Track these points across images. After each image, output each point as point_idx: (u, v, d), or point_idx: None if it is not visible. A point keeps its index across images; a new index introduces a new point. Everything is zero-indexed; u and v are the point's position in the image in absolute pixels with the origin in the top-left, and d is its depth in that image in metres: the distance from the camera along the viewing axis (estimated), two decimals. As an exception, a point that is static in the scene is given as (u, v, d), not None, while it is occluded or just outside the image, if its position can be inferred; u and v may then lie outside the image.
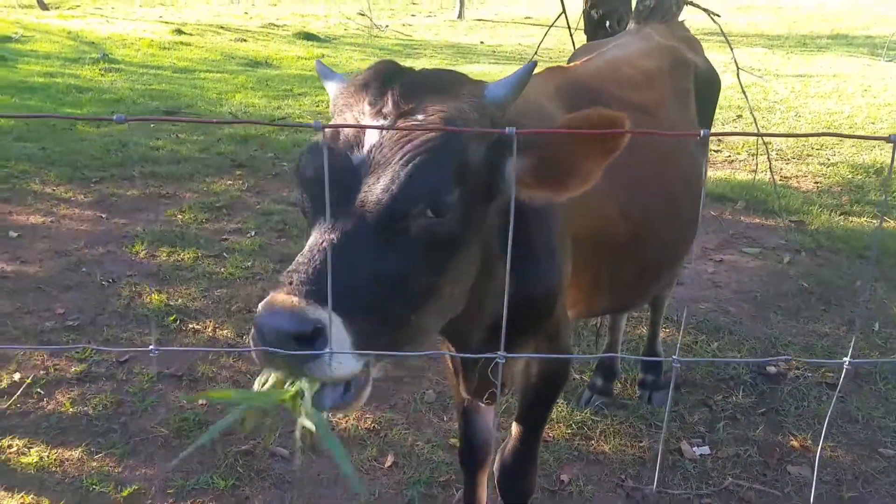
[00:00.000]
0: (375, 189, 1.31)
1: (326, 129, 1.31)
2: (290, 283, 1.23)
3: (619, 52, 2.70)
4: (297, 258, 1.31)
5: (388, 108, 1.39)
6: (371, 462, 3.04)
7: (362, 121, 1.40)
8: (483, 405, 2.33)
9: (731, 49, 4.17)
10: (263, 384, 1.32)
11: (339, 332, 1.22)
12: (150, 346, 1.08)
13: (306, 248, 1.32)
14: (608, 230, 2.13)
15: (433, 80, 1.47)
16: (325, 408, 1.29)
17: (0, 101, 8.39)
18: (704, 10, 4.33)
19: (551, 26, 5.17)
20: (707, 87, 2.95)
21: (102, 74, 10.53)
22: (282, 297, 1.21)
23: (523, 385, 2.13)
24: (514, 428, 2.23)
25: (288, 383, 1.29)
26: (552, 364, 2.07)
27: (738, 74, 4.04)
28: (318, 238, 1.31)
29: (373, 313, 1.30)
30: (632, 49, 2.74)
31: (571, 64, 2.63)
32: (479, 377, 2.09)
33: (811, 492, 2.92)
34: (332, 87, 1.57)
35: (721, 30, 4.61)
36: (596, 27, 4.75)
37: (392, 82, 1.43)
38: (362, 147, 1.36)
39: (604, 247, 2.14)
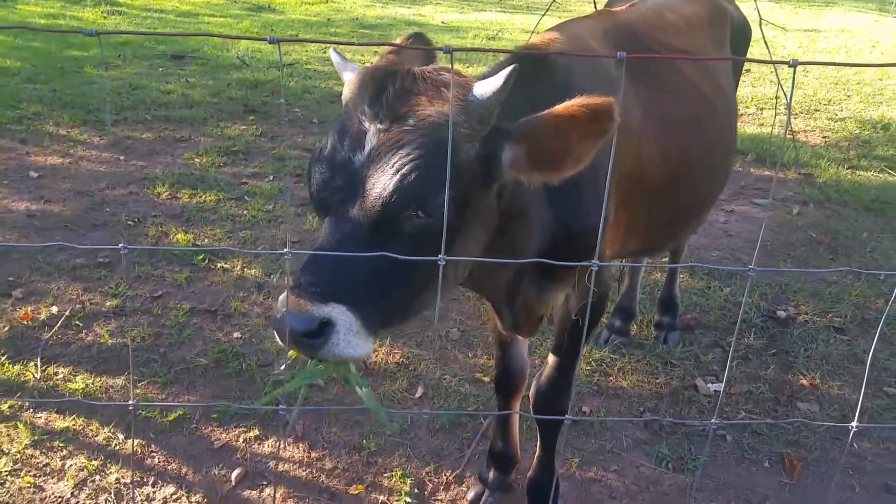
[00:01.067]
0: (370, 194, 1.46)
1: (330, 133, 1.55)
2: (299, 286, 1.43)
3: (661, -1, 2.75)
4: (306, 258, 1.49)
5: (384, 111, 1.49)
6: (402, 393, 3.18)
7: (363, 122, 1.51)
8: (519, 337, 2.46)
9: (755, 0, 4.20)
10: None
11: (346, 320, 1.43)
12: (121, 245, 1.27)
13: (313, 248, 1.50)
14: (648, 172, 2.22)
15: (424, 82, 1.53)
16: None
17: (4, 42, 8.29)
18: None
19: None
20: (740, 36, 3.01)
21: (105, 17, 10.38)
22: (291, 299, 1.41)
23: (562, 317, 2.25)
24: (551, 358, 2.36)
25: None
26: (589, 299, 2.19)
27: (760, 25, 4.07)
28: (322, 239, 1.49)
29: (377, 300, 1.48)
30: (672, -4, 2.79)
31: (616, 8, 2.68)
32: (515, 312, 2.21)
33: (819, 425, 3.09)
34: (345, 78, 1.67)
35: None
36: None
37: (388, 84, 1.52)
38: (363, 149, 1.48)
39: (642, 188, 2.23)
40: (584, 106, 1.45)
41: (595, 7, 5.29)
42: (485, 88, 1.51)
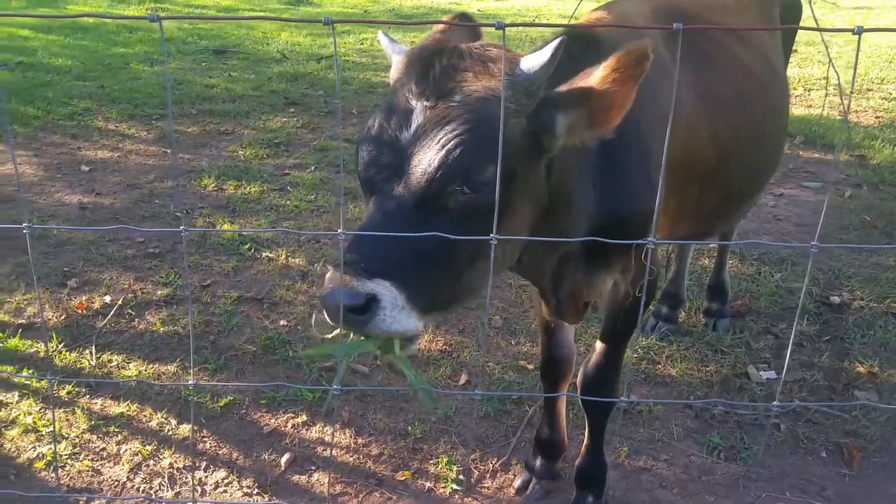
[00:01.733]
0: (417, 170, 1.45)
1: (377, 112, 1.55)
2: (347, 263, 1.42)
3: (707, -21, 2.67)
4: (355, 233, 1.48)
5: (430, 88, 1.49)
6: (446, 380, 3.19)
7: (410, 100, 1.51)
8: (565, 323, 2.43)
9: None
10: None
11: (391, 295, 1.43)
12: (182, 227, 1.26)
13: (360, 226, 1.50)
14: (698, 155, 2.17)
15: (471, 58, 1.52)
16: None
17: (55, 41, 8.53)
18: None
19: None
20: (790, 14, 2.92)
21: (149, 13, 10.59)
22: (337, 275, 1.41)
23: (611, 302, 2.21)
24: (599, 344, 2.32)
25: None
26: (639, 282, 2.15)
27: (810, 3, 3.93)
28: (369, 217, 1.49)
29: (425, 277, 1.46)
30: (719, -24, 2.71)
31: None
32: (561, 298, 2.18)
33: (879, 414, 2.99)
34: (393, 60, 1.67)
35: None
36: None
37: (435, 62, 1.52)
38: (410, 127, 1.48)
39: (692, 171, 2.18)
40: (625, 57, 1.45)
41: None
42: (531, 63, 1.50)
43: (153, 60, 7.88)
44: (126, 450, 2.77)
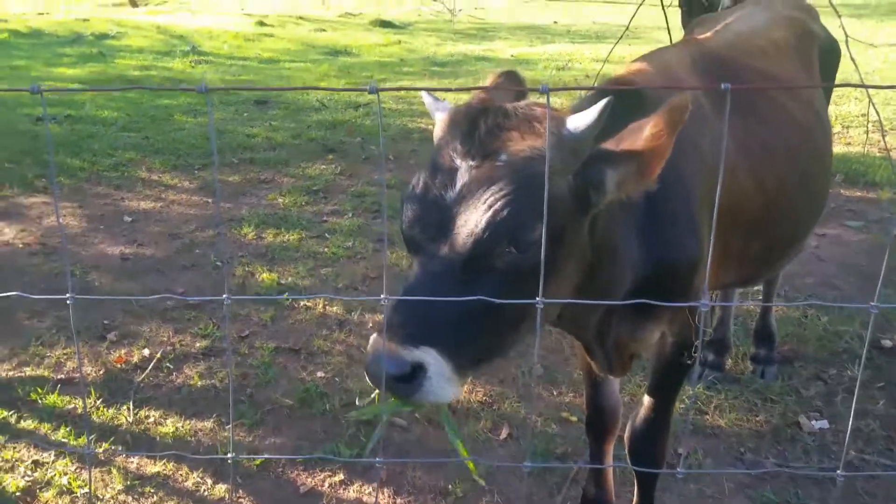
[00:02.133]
0: (463, 230, 1.44)
1: (422, 171, 1.54)
2: (391, 328, 1.40)
3: (746, 23, 2.66)
4: (397, 298, 1.46)
5: (476, 148, 1.48)
6: (486, 434, 3.12)
7: (455, 160, 1.50)
8: (611, 376, 2.37)
9: (839, 17, 4.00)
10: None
11: (437, 364, 1.40)
12: (224, 296, 1.26)
13: (404, 287, 1.47)
14: (743, 203, 2.13)
15: (516, 117, 1.52)
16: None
17: (102, 94, 8.85)
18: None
19: (642, 3, 5.08)
20: (829, 57, 2.88)
21: (193, 66, 10.97)
22: (382, 341, 1.39)
23: (658, 355, 2.15)
24: (646, 398, 2.26)
25: None
26: (686, 333, 2.09)
27: (846, 43, 3.87)
28: (414, 279, 1.47)
29: (469, 342, 1.44)
30: (758, 20, 2.69)
31: (702, 36, 2.61)
32: (607, 351, 2.13)
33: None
34: (437, 118, 1.66)
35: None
36: (692, 1, 4.65)
37: (480, 121, 1.51)
38: (455, 186, 1.47)
39: (737, 220, 2.14)
40: (669, 112, 1.44)
41: (669, 33, 5.20)
42: (578, 122, 1.49)
43: (196, 112, 8.11)
44: (163, 508, 2.75)
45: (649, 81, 1.97)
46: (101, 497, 2.80)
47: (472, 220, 1.43)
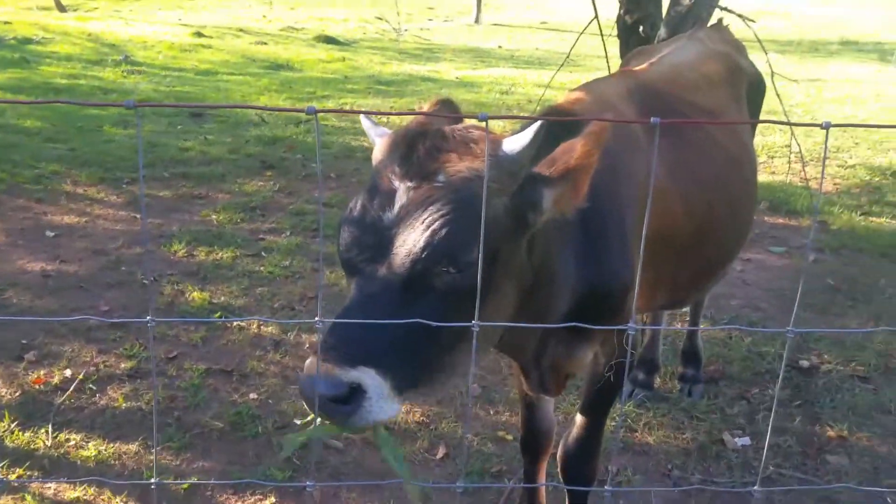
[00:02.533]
0: (401, 251, 1.44)
1: (360, 194, 1.56)
2: (327, 349, 1.39)
3: (679, 56, 2.79)
4: (333, 321, 1.46)
5: (414, 170, 1.50)
6: (423, 454, 3.11)
7: (393, 181, 1.52)
8: (546, 397, 2.41)
9: (766, 53, 4.25)
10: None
11: (376, 384, 1.39)
12: (148, 318, 1.24)
13: (342, 309, 1.47)
14: (674, 229, 2.22)
15: (454, 140, 1.55)
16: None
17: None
18: (739, 15, 4.41)
19: (582, 32, 5.25)
20: (755, 92, 3.05)
21: (125, 76, 10.64)
22: (318, 363, 1.37)
23: (591, 375, 2.20)
24: (579, 417, 2.31)
25: None
26: (619, 355, 2.15)
27: (772, 78, 4.11)
28: (351, 301, 1.47)
29: (407, 362, 1.44)
30: (690, 54, 2.83)
31: (638, 67, 2.72)
32: (542, 371, 2.17)
33: (850, 479, 2.99)
34: (375, 141, 1.69)
35: (756, 35, 4.70)
36: (629, 32, 4.84)
37: (418, 143, 1.54)
38: (393, 207, 1.48)
39: (669, 245, 2.22)
40: (594, 133, 1.50)
41: (607, 62, 5.39)
42: (514, 144, 1.53)
43: (127, 123, 7.86)
44: (83, 536, 2.62)
45: (586, 110, 2.04)
46: (14, 527, 2.65)
47: (411, 240, 1.44)
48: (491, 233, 1.46)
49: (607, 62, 5.41)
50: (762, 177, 6.90)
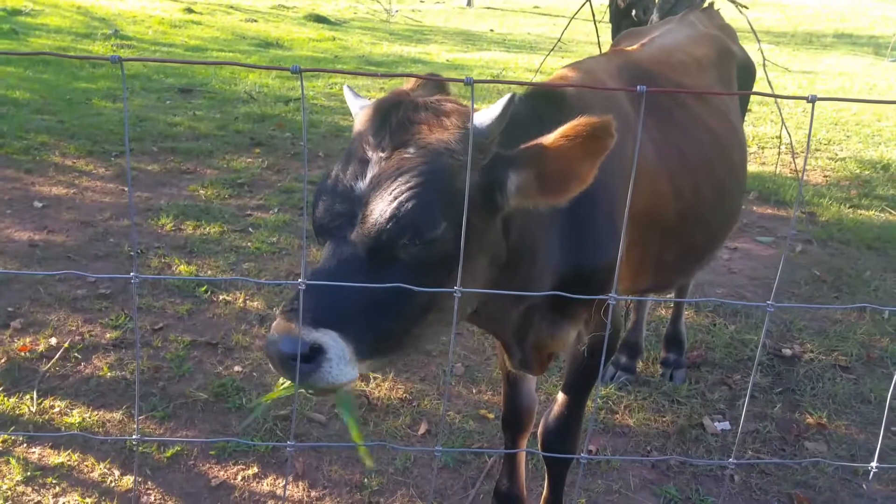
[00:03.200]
0: (369, 220, 1.45)
1: (337, 163, 1.54)
2: (294, 310, 1.39)
3: (670, 38, 2.79)
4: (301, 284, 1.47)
5: (386, 140, 1.51)
6: (405, 430, 3.13)
7: (367, 151, 1.52)
8: (528, 374, 2.42)
9: (759, 41, 4.26)
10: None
11: (337, 347, 1.40)
12: (131, 274, 1.24)
13: (310, 273, 1.47)
14: (661, 209, 2.22)
15: (426, 111, 1.55)
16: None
17: (14, 74, 8.39)
18: (732, 1, 4.40)
19: (574, 16, 5.24)
20: (745, 76, 3.05)
21: (115, 50, 10.54)
22: (283, 323, 1.40)
23: (573, 354, 2.22)
24: (561, 395, 2.32)
25: None
26: (600, 336, 2.16)
27: (763, 66, 4.12)
28: (321, 265, 1.48)
29: (372, 329, 1.44)
30: (680, 36, 2.83)
31: (630, 48, 2.72)
32: (525, 350, 2.18)
33: (827, 465, 3.04)
34: (354, 111, 1.69)
35: (749, 23, 4.70)
36: (621, 16, 4.84)
37: (392, 114, 1.54)
38: (365, 177, 1.49)
39: (654, 226, 2.23)
40: (583, 125, 1.47)
41: (599, 46, 5.39)
42: (484, 117, 1.51)
43: (116, 96, 7.80)
44: (64, 502, 2.63)
45: (575, 84, 2.03)
46: (-3, 488, 2.66)
47: (378, 210, 1.45)
48: (460, 206, 1.46)
49: (599, 47, 5.41)
50: (752, 167, 6.93)
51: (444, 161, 1.47)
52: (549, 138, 1.51)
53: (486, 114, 1.52)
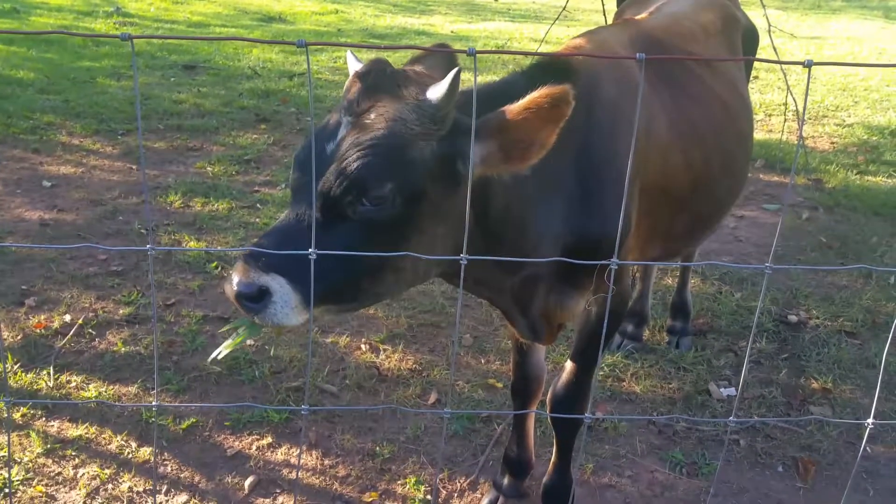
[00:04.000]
0: (326, 178, 1.56)
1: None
2: (251, 254, 1.55)
3: (676, 6, 2.79)
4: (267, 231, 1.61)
5: (354, 106, 1.60)
6: (415, 399, 3.19)
7: (340, 115, 1.62)
8: (540, 344, 2.46)
9: (764, 7, 4.21)
10: None
11: (283, 291, 1.54)
12: (148, 246, 1.34)
13: (272, 225, 1.62)
14: (672, 180, 2.24)
15: (390, 82, 1.63)
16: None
17: (18, 53, 8.38)
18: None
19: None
20: (749, 43, 3.04)
21: (117, 28, 10.49)
22: (240, 265, 1.55)
23: (582, 323, 2.25)
24: (569, 363, 2.36)
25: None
26: (611, 303, 2.19)
27: (769, 33, 4.09)
28: (283, 216, 1.60)
29: (321, 280, 1.51)
30: (685, 4, 2.83)
31: (638, 17, 2.71)
32: (533, 319, 2.21)
33: (832, 429, 3.09)
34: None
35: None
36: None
37: (362, 82, 1.63)
38: (335, 139, 1.59)
39: (665, 196, 2.24)
40: (544, 96, 1.52)
41: (605, 16, 5.34)
42: (435, 91, 1.58)
43: (120, 75, 7.79)
44: (83, 474, 2.71)
45: (578, 54, 2.04)
46: (19, 460, 2.73)
47: (332, 170, 1.55)
48: (414, 174, 1.56)
49: (605, 16, 5.36)
50: (759, 135, 6.89)
51: (396, 127, 1.56)
52: (512, 109, 1.57)
53: (438, 86, 1.58)
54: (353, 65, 1.76)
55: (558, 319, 2.24)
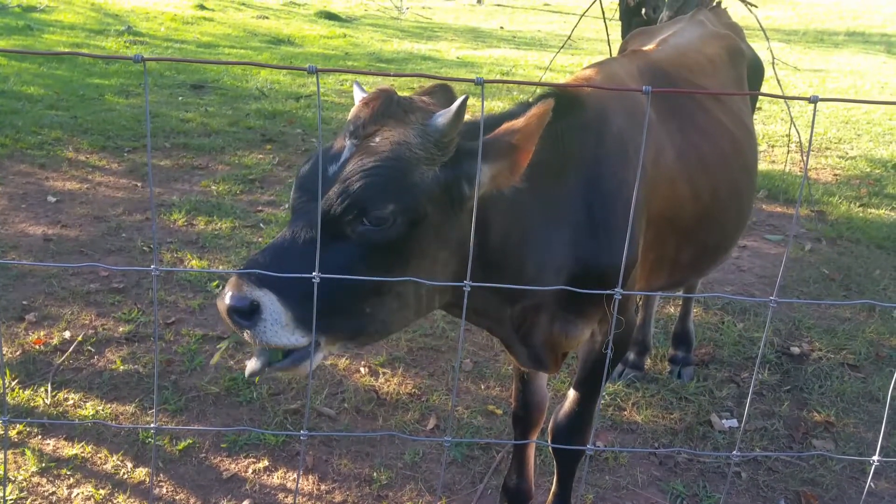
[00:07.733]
0: (328, 198, 1.55)
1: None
2: (245, 268, 1.52)
3: (683, 38, 2.81)
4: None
5: (360, 130, 1.61)
6: (414, 424, 3.16)
7: (345, 139, 1.63)
8: (544, 373, 2.44)
9: (768, 40, 4.26)
10: None
11: (273, 308, 1.50)
12: (152, 266, 1.31)
13: (271, 242, 1.59)
14: (679, 211, 2.24)
15: (397, 108, 1.64)
16: (264, 367, 1.63)
17: (28, 69, 8.47)
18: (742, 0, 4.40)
19: (584, 14, 5.25)
20: (754, 75, 3.06)
21: (127, 47, 10.61)
22: (234, 280, 1.51)
23: (586, 351, 2.24)
24: (572, 392, 2.34)
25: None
26: (616, 333, 2.18)
27: (773, 65, 4.12)
28: (281, 234, 1.59)
29: (319, 300, 1.49)
30: (692, 35, 2.85)
31: (646, 48, 2.73)
32: (536, 348, 2.19)
33: (835, 463, 3.05)
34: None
35: (759, 21, 4.69)
36: (631, 15, 4.84)
37: (367, 108, 1.65)
38: (339, 161, 1.60)
39: (674, 227, 2.25)
40: (539, 114, 1.58)
41: (609, 45, 5.39)
42: (441, 117, 1.60)
43: (129, 93, 7.86)
44: (78, 493, 2.68)
45: (586, 85, 2.06)
46: (13, 479, 2.70)
47: (334, 190, 1.55)
48: (414, 198, 1.56)
49: (609, 45, 5.42)
50: (762, 165, 6.92)
51: (400, 151, 1.57)
52: (519, 132, 1.61)
53: (444, 113, 1.61)
54: (359, 95, 1.78)
55: (563, 348, 2.22)
